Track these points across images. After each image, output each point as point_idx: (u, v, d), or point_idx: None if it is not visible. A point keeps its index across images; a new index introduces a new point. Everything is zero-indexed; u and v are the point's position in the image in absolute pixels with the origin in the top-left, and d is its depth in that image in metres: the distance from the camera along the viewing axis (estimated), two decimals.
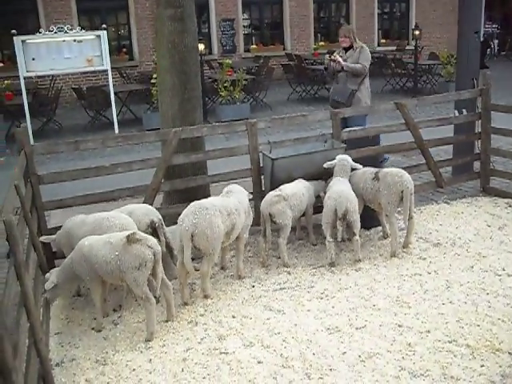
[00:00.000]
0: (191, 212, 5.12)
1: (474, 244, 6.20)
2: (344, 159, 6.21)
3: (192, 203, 5.27)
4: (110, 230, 5.01)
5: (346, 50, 8.06)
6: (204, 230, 5.07)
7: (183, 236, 5.05)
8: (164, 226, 5.48)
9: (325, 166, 6.19)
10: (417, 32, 16.88)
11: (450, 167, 8.37)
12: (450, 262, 5.79)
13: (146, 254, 4.55)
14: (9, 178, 4.96)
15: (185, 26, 6.58)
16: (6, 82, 15.21)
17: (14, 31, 12.89)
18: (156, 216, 5.47)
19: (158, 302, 4.86)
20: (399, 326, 4.66)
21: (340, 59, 7.85)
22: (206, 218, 5.08)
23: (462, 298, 5.05)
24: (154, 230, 5.36)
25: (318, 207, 6.36)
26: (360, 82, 7.94)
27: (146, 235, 4.75)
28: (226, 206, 5.34)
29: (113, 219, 5.18)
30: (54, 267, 5.34)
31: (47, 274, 5.08)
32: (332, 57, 7.98)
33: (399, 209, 6.16)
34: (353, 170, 6.28)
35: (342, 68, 7.86)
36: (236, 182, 6.14)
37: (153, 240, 4.71)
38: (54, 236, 5.49)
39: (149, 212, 5.50)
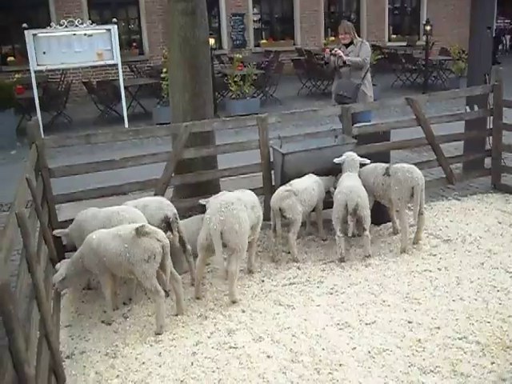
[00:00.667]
0: (217, 209, 5.00)
1: (484, 241, 6.17)
2: (352, 155, 6.21)
3: (216, 199, 5.21)
4: (120, 224, 5.00)
5: (347, 45, 8.06)
6: (233, 226, 4.97)
7: (213, 235, 4.93)
8: (178, 221, 5.47)
9: (335, 161, 6.18)
10: (428, 27, 16.77)
11: (461, 163, 8.32)
12: (461, 259, 5.77)
13: (155, 246, 4.56)
14: (20, 171, 4.96)
15: (196, 20, 6.57)
16: (16, 75, 15.28)
17: (25, 25, 12.93)
18: (170, 210, 5.43)
19: (167, 295, 4.87)
20: (409, 322, 4.66)
21: (341, 53, 7.85)
22: (233, 214, 4.99)
23: (472, 295, 5.04)
24: (167, 225, 5.35)
25: (328, 202, 6.35)
26: (363, 76, 7.93)
27: (154, 228, 4.75)
28: (249, 200, 5.32)
29: (123, 213, 5.18)
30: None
31: (57, 265, 5.12)
32: (333, 51, 7.96)
33: (409, 205, 6.14)
34: (361, 165, 6.28)
35: (344, 62, 7.85)
36: (246, 177, 6.14)
37: (161, 233, 4.71)
38: (66, 230, 5.51)
39: (163, 206, 5.46)
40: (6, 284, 2.67)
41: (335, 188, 6.14)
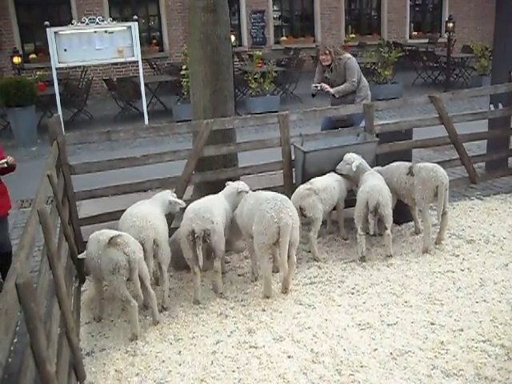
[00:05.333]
0: (282, 206, 4.94)
1: (508, 241, 6.06)
2: (356, 156, 6.17)
3: (263, 197, 5.12)
4: None
5: (329, 66, 7.63)
6: (297, 220, 5.11)
7: (286, 231, 4.87)
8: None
9: (353, 169, 6.07)
10: (450, 24, 16.59)
11: (483, 163, 8.21)
12: (484, 260, 5.68)
13: (120, 259, 4.45)
14: (41, 167, 4.97)
15: (217, 16, 6.54)
16: (38, 72, 15.39)
17: (47, 23, 13.04)
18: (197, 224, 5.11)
19: (146, 308, 4.97)
20: (431, 323, 4.59)
21: (328, 88, 7.50)
22: (293, 207, 5.12)
23: (496, 297, 4.95)
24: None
25: (349, 201, 6.29)
26: (356, 92, 7.60)
27: (129, 240, 4.59)
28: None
29: None
30: None
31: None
32: (319, 87, 7.62)
33: (431, 204, 6.05)
34: (386, 164, 6.22)
35: (333, 95, 7.54)
36: (267, 175, 6.09)
37: (133, 247, 4.54)
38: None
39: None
40: (28, 282, 2.65)
41: (357, 186, 6.08)
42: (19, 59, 14.78)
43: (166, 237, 5.12)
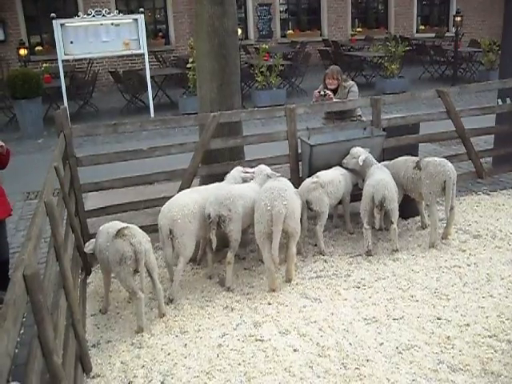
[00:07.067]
0: (278, 195, 4.97)
1: None
2: (363, 150, 6.14)
3: (265, 186, 5.18)
4: None
5: (333, 90, 7.52)
6: (294, 211, 5.07)
7: (278, 221, 4.90)
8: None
9: (360, 163, 6.05)
10: (458, 18, 16.50)
11: (490, 157, 8.17)
12: (491, 255, 5.66)
13: (126, 250, 4.46)
14: (47, 159, 4.96)
15: (224, 9, 6.49)
16: (44, 65, 15.39)
17: (53, 15, 13.02)
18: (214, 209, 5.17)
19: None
20: (438, 318, 4.58)
21: (332, 95, 7.36)
22: (292, 198, 5.09)
23: (502, 292, 4.93)
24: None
25: (355, 195, 6.27)
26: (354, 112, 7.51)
27: (136, 232, 4.61)
28: (289, 185, 5.29)
29: None
30: None
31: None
32: (322, 92, 7.43)
33: (438, 199, 6.03)
34: (392, 158, 6.19)
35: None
36: (273, 168, 6.06)
37: (138, 238, 4.54)
38: None
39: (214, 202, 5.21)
40: (36, 273, 2.66)
41: (363, 180, 6.06)
42: (25, 51, 14.77)
43: (189, 230, 5.08)
